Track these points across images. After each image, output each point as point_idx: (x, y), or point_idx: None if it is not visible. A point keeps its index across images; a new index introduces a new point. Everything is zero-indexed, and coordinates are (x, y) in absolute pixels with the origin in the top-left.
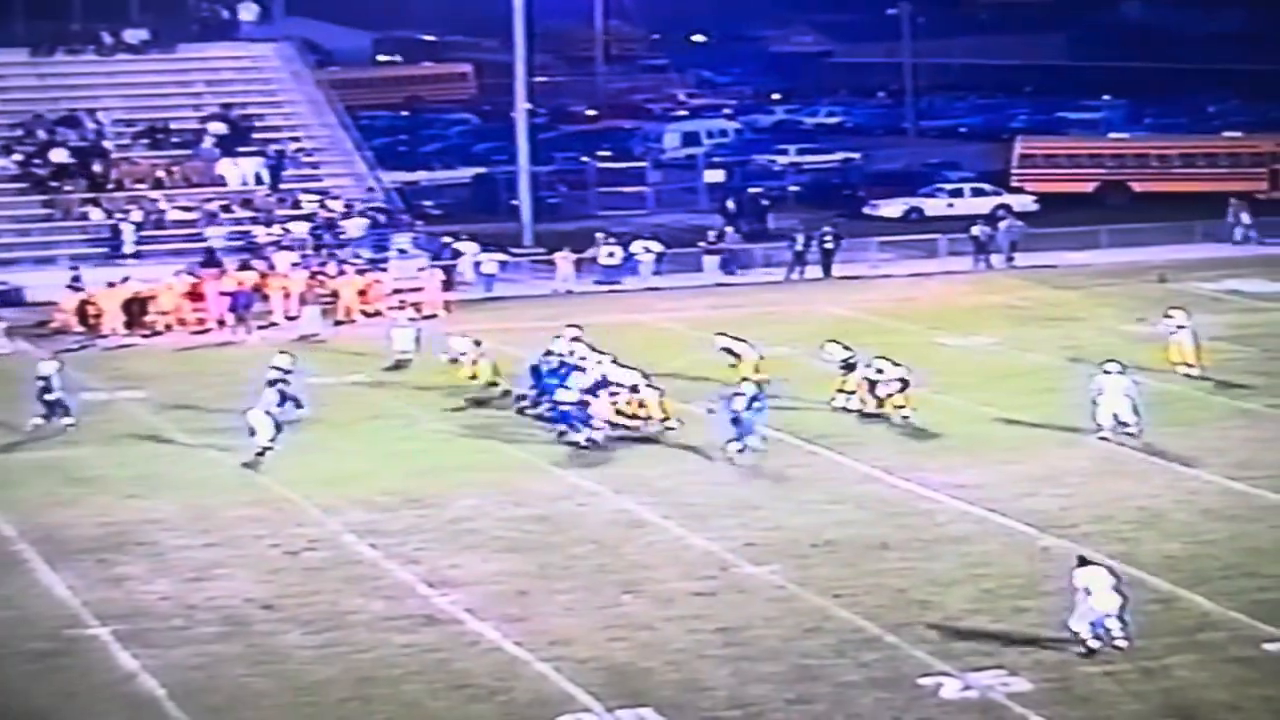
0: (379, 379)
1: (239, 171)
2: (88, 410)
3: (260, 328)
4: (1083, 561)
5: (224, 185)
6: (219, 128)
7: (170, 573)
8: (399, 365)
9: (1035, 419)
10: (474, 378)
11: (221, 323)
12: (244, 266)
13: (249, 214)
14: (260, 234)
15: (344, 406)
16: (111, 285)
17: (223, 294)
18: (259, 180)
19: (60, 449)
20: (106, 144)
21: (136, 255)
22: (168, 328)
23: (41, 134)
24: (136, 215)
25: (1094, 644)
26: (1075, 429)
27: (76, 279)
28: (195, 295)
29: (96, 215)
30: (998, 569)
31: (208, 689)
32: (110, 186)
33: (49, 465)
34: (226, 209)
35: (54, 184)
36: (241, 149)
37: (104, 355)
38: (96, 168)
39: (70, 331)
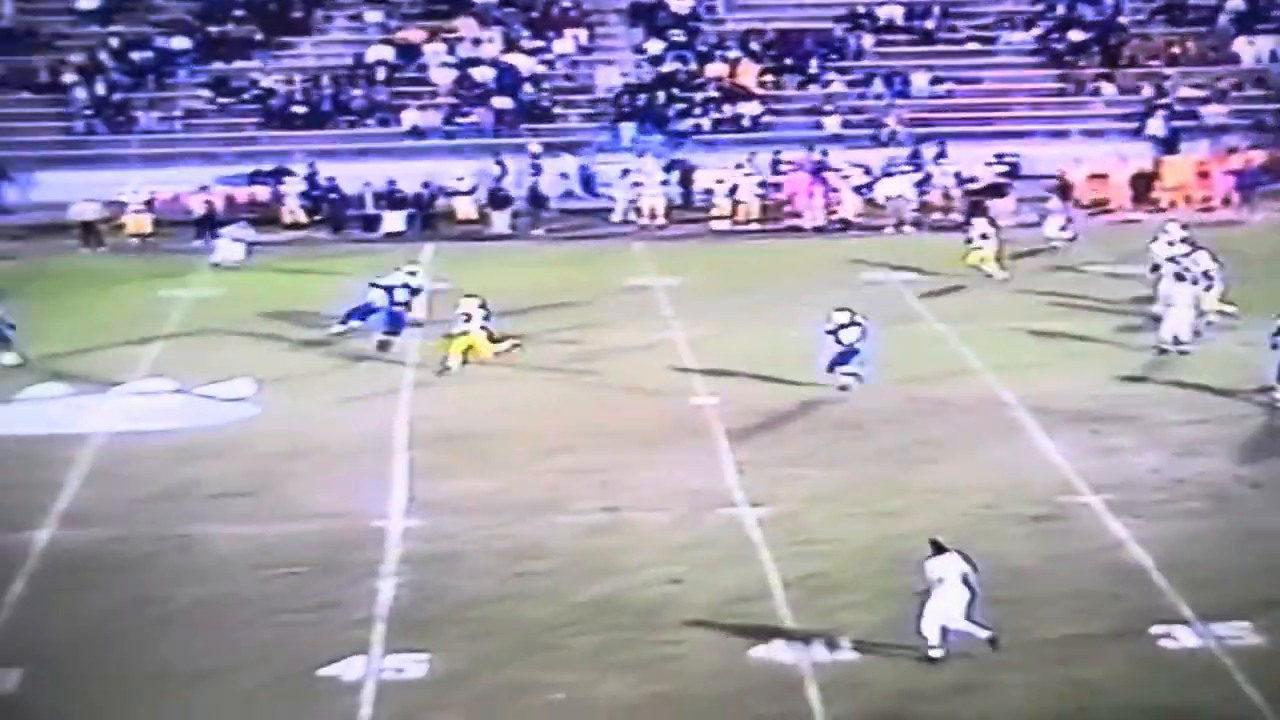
0: None
1: (1253, 49)
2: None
3: None
4: (937, 548)
5: (1237, 63)
6: (1236, 4)
7: (1159, 446)
8: None
9: None
10: None
11: (1226, 201)
12: (1254, 146)
13: (1260, 92)
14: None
15: None
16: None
17: (1228, 173)
18: (1273, 58)
19: (1064, 320)
20: (1122, 19)
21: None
22: (1172, 204)
23: (1061, 9)
24: (1146, 92)
25: (936, 653)
26: None
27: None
28: (1203, 173)
29: (1108, 90)
30: None
31: (1193, 562)
32: (1123, 63)
33: (1051, 336)
34: (1238, 87)
35: (1069, 59)
36: (1260, 26)
37: (1109, 229)
38: (1111, 43)
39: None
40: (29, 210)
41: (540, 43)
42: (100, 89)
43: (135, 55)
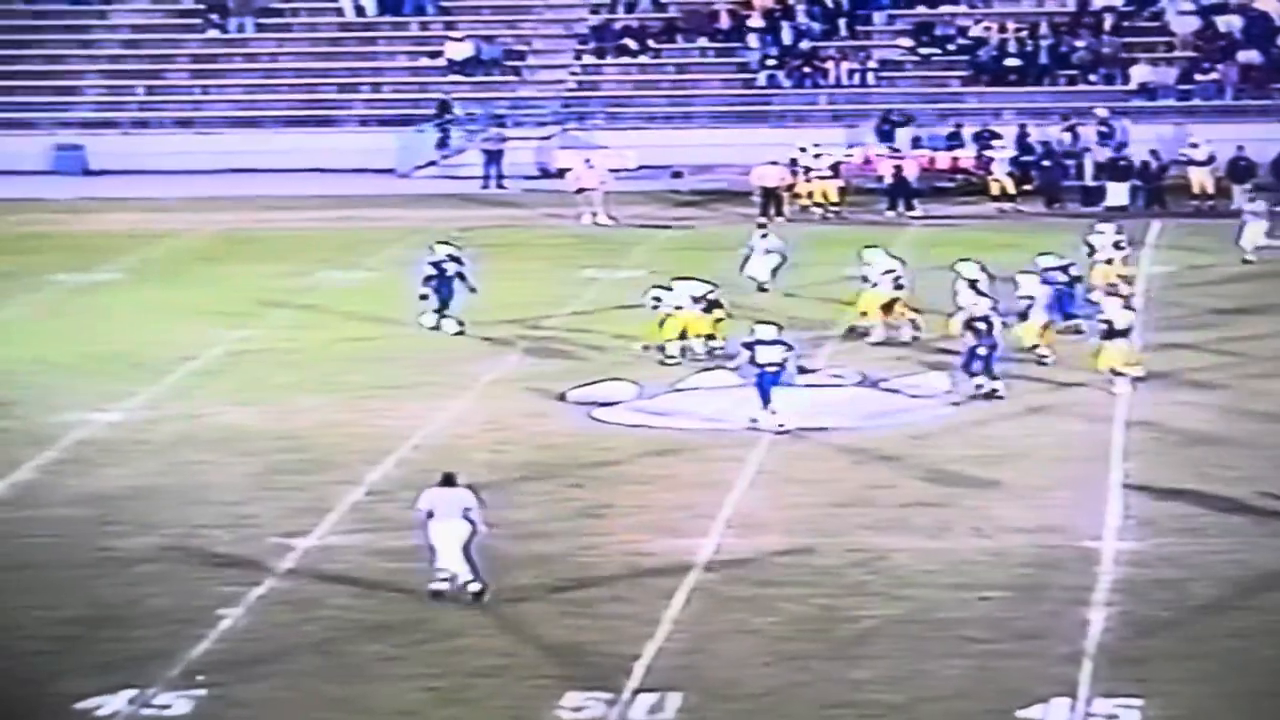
0: None
1: None
2: None
3: None
4: (446, 480)
5: None
6: None
7: None
8: None
9: None
10: None
11: None
12: None
13: None
14: None
15: None
16: None
17: None
18: None
19: None
20: None
21: None
22: None
23: None
24: None
25: (440, 585)
26: None
27: None
28: None
29: None
30: None
31: None
32: None
33: None
34: None
35: None
36: None
37: None
38: None
39: None
40: (705, 174)
41: None
42: (786, 36)
43: None
